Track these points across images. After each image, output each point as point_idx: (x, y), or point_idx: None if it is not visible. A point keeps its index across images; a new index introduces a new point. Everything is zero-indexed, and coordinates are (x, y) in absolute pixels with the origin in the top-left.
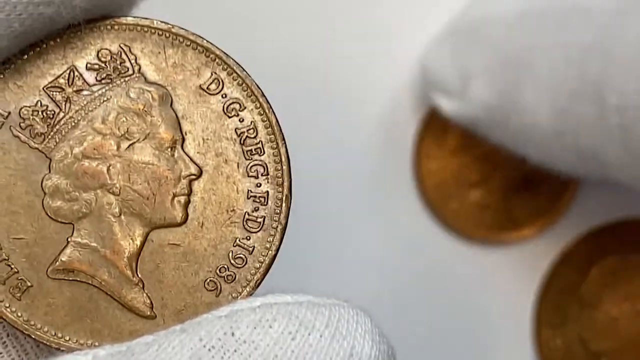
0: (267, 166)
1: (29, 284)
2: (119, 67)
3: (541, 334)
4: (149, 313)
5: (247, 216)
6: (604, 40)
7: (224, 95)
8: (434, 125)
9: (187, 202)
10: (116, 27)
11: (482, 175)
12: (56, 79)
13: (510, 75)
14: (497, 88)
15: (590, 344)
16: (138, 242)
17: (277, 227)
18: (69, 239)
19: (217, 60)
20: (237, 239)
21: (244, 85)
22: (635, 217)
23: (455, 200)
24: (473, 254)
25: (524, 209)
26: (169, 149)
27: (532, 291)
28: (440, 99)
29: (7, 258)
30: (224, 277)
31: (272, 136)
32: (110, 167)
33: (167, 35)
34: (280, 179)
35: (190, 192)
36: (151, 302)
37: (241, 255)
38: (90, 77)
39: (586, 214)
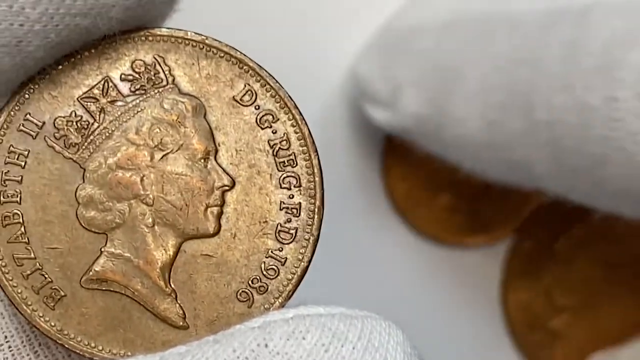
0: (299, 178)
1: (62, 293)
2: (153, 78)
3: (509, 281)
4: (181, 323)
5: (279, 227)
6: (531, 52)
7: (257, 107)
8: None
9: (220, 213)
10: (150, 38)
11: (451, 179)
12: (90, 89)
13: (440, 85)
14: (427, 98)
15: (556, 297)
16: (171, 253)
17: (310, 238)
18: (103, 249)
19: (250, 71)
20: (270, 250)
21: (277, 96)
22: None
23: (425, 205)
24: (445, 258)
25: (495, 210)
26: (202, 160)
27: None
28: (371, 109)
29: (41, 267)
30: (256, 288)
31: (305, 148)
32: (144, 178)
33: (201, 46)
34: (313, 191)
35: (223, 203)
36: (184, 313)
37: (273, 267)
38: (124, 87)
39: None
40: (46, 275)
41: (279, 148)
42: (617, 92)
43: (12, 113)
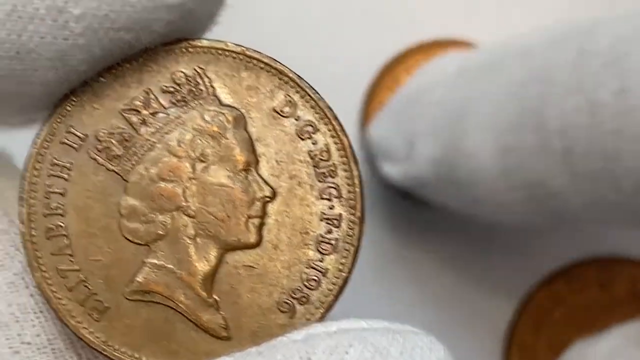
0: (340, 188)
1: (106, 305)
2: (194, 89)
3: None
4: (224, 334)
5: (320, 238)
6: (540, 69)
7: (297, 118)
8: None
9: (261, 224)
10: (191, 50)
11: None
12: (132, 101)
13: (454, 126)
14: (441, 141)
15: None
16: (213, 264)
17: (350, 249)
18: (145, 261)
19: (290, 82)
20: (311, 261)
21: (317, 107)
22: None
23: None
24: None
25: None
26: (243, 171)
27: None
28: (386, 167)
29: (85, 279)
30: (297, 298)
31: (345, 159)
32: (186, 189)
33: (241, 57)
34: (353, 202)
35: (264, 215)
36: (226, 324)
37: (315, 277)
38: (165, 99)
39: None
40: (90, 287)
41: (319, 159)
42: (626, 83)
43: (54, 126)
